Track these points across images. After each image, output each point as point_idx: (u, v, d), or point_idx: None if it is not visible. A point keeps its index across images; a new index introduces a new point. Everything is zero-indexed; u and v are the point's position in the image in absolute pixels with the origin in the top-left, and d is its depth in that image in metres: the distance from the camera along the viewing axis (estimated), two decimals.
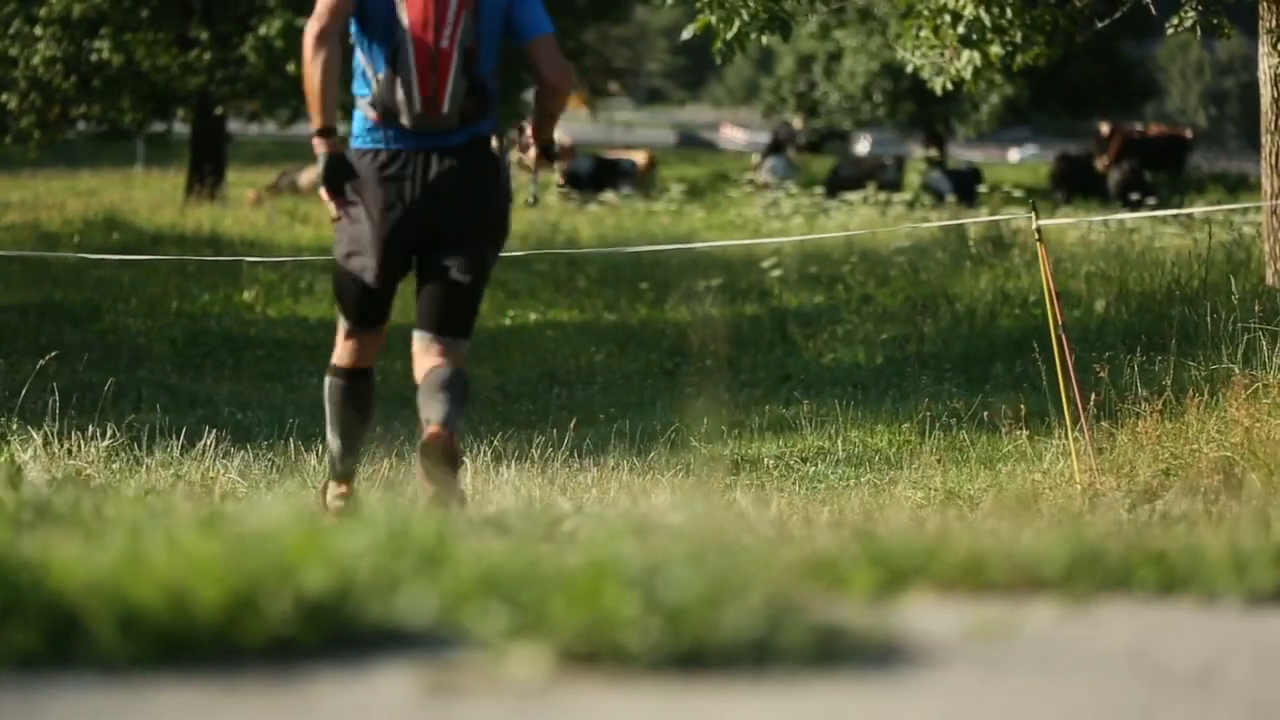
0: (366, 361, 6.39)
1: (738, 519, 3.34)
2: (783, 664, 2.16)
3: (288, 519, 2.87)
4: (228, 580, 2.46)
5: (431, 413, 5.95)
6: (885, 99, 35.86)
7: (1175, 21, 13.24)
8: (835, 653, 2.24)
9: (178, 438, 8.61)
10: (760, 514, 3.90)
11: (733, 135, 63.67)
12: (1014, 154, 51.84)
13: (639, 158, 33.27)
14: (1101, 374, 8.89)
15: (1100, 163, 33.97)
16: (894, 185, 29.00)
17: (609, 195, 27.40)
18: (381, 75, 5.85)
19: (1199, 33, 13.40)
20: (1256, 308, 9.01)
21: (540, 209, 26.14)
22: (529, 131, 6.22)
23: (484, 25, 5.84)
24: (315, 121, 5.92)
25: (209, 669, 2.31)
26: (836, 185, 29.50)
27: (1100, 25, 14.27)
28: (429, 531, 2.69)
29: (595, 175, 30.77)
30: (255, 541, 2.63)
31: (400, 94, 5.76)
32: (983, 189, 27.40)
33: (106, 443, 8.31)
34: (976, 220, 16.65)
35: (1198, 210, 17.98)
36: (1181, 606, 2.69)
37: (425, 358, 6.14)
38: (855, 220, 23.16)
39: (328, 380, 6.36)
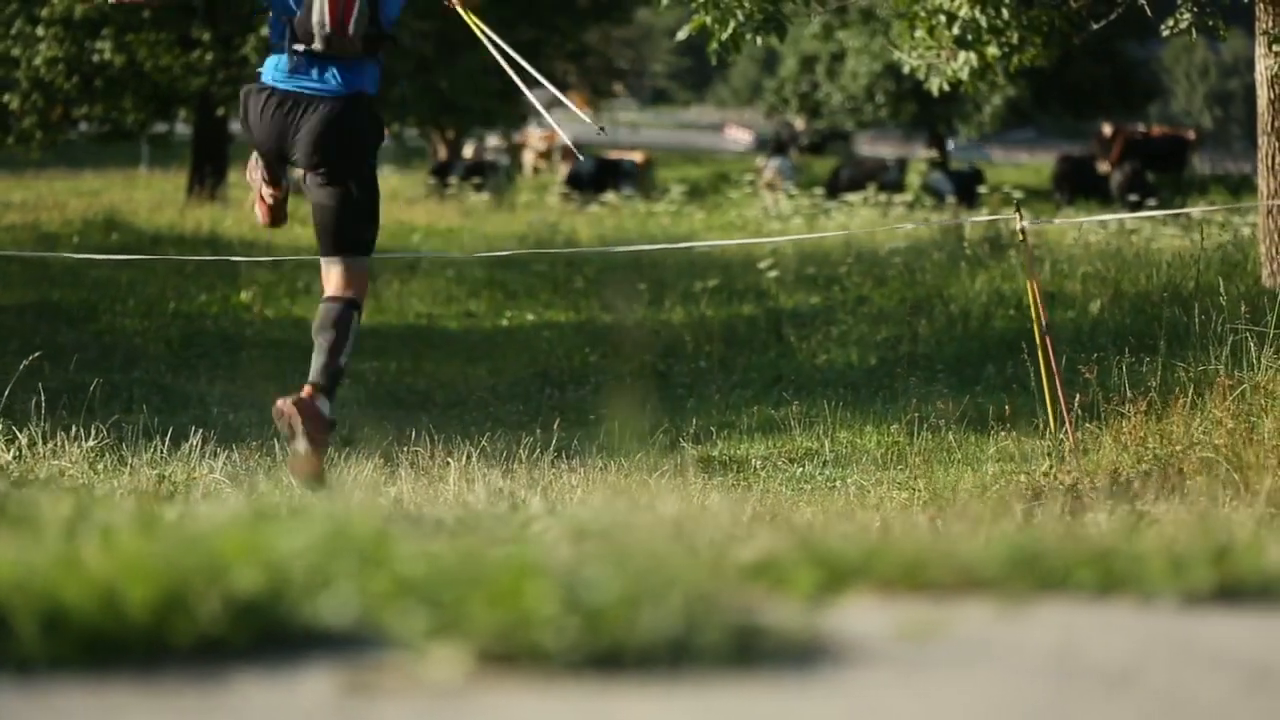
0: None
1: (683, 520, 3.34)
2: (700, 664, 2.16)
3: (226, 519, 2.87)
4: (159, 580, 2.46)
5: (311, 366, 6.90)
6: (888, 100, 35.84)
7: (1170, 23, 13.24)
8: (756, 652, 2.23)
9: (164, 438, 8.62)
10: (720, 515, 3.90)
11: (737, 136, 63.62)
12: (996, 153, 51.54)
13: (636, 157, 33.29)
14: (1088, 375, 8.89)
15: (1102, 164, 33.95)
16: (896, 186, 28.96)
17: (610, 196, 27.41)
18: (300, 8, 6.72)
19: (1194, 34, 13.40)
20: (1243, 309, 9.00)
21: (541, 211, 26.22)
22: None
23: None
24: None
25: (134, 669, 2.31)
26: (837, 186, 29.48)
27: (1096, 26, 14.27)
28: (366, 531, 2.69)
29: (597, 176, 30.77)
30: (190, 541, 2.63)
31: (315, 19, 6.65)
32: (983, 190, 27.37)
33: (91, 443, 8.32)
34: (959, 221, 16.63)
35: (1194, 210, 17.97)
36: (1118, 607, 2.69)
37: (325, 279, 7.12)
38: (855, 221, 23.17)
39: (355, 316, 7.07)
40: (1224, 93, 63.97)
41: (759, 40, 13.76)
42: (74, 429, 8.25)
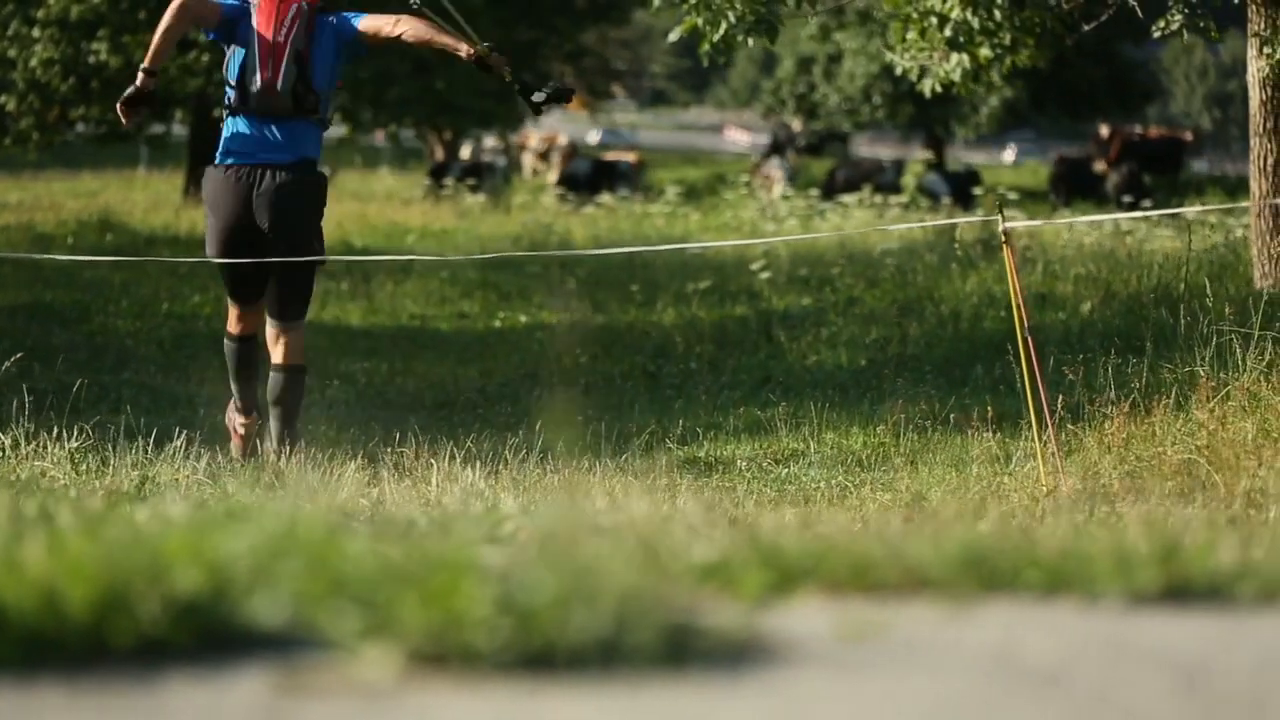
0: (243, 327, 8.53)
1: (639, 521, 3.33)
2: (632, 664, 2.16)
3: (173, 519, 2.87)
4: (100, 580, 2.46)
5: (270, 431, 8.15)
6: (884, 101, 35.83)
7: (1161, 24, 13.24)
8: (690, 653, 2.23)
9: (148, 439, 8.61)
10: (681, 517, 3.90)
11: (737, 137, 63.63)
12: (1010, 154, 51.59)
13: (630, 158, 33.32)
14: (1071, 376, 8.88)
15: (1100, 165, 33.94)
16: (892, 188, 28.95)
17: (605, 197, 27.41)
18: (237, 66, 7.71)
19: (1185, 35, 13.40)
20: (1228, 310, 9.00)
21: (535, 211, 26.22)
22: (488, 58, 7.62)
23: (316, 44, 7.64)
24: (147, 61, 7.95)
25: (71, 670, 2.31)
26: (834, 188, 29.47)
27: (1087, 28, 14.27)
28: (312, 532, 2.69)
29: (593, 177, 30.77)
30: (135, 542, 2.63)
31: (248, 77, 7.63)
32: (978, 191, 27.36)
33: (74, 444, 8.32)
34: (941, 223, 16.62)
35: (1183, 211, 17.97)
36: (1062, 607, 2.69)
37: (272, 344, 8.31)
38: (851, 223, 23.16)
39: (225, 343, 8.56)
40: (1223, 94, 63.95)
41: (750, 42, 13.77)
42: (57, 430, 8.24)
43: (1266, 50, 13.07)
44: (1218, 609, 2.68)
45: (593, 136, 39.22)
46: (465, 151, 35.60)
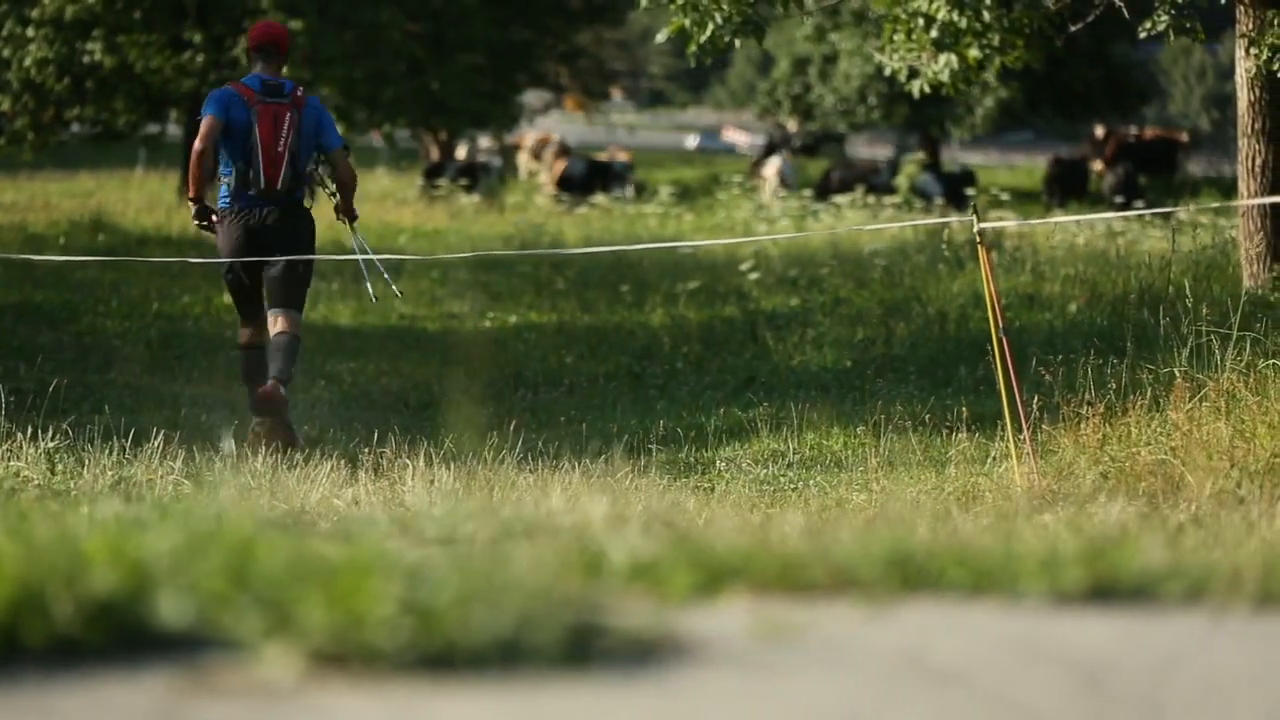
0: (253, 339, 10.13)
1: (579, 523, 3.33)
2: (534, 664, 2.15)
3: (99, 519, 2.86)
4: (18, 580, 2.45)
5: (271, 369, 9.76)
6: (880, 102, 35.81)
7: (1148, 25, 13.23)
8: (594, 653, 2.23)
9: (127, 439, 8.61)
10: (598, 515, 3.88)
11: (735, 138, 63.61)
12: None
13: (623, 157, 33.31)
14: (1046, 376, 8.87)
15: (1097, 166, 33.91)
16: (887, 188, 28.92)
17: (599, 198, 27.39)
18: (242, 165, 9.61)
19: (1171, 36, 13.39)
20: (1204, 311, 8.99)
21: (527, 212, 26.20)
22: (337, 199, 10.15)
23: (302, 140, 9.62)
24: (190, 193, 9.96)
25: None
26: (829, 188, 29.42)
27: (1074, 29, 14.26)
28: (235, 534, 2.68)
29: (588, 178, 30.76)
30: (57, 542, 2.63)
31: (253, 175, 9.57)
32: (972, 192, 27.33)
33: (52, 444, 8.32)
34: (915, 223, 16.63)
35: (1169, 211, 17.97)
36: (985, 607, 2.68)
37: (274, 324, 9.87)
38: (844, 224, 23.13)
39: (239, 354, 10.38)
40: (1221, 95, 63.89)
41: (738, 43, 13.77)
42: (33, 430, 8.23)
43: (1254, 50, 13.07)
44: (1141, 609, 2.67)
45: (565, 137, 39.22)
46: (461, 152, 35.59)
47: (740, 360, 13.42)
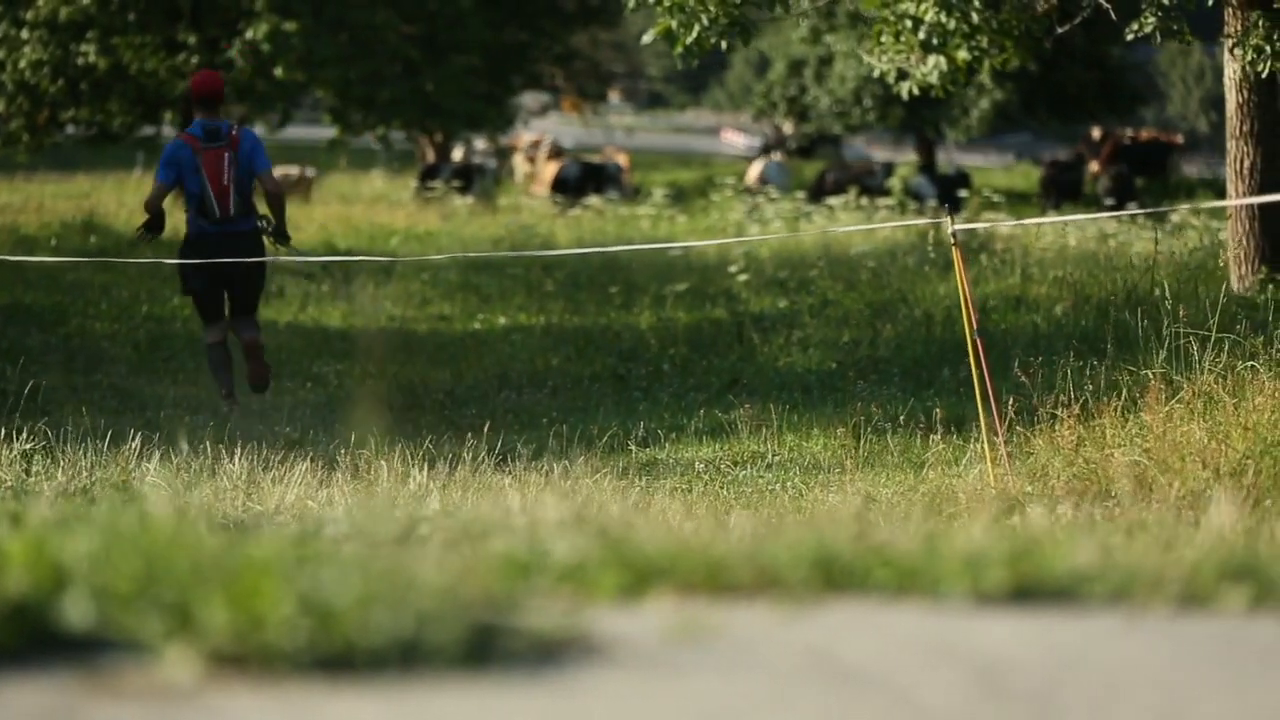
0: (221, 337, 11.74)
1: (512, 524, 3.32)
2: (433, 665, 2.15)
3: (25, 520, 2.86)
4: None
5: (243, 333, 11.66)
6: (875, 104, 35.77)
7: (1135, 27, 13.24)
8: (496, 654, 2.22)
9: (104, 440, 8.61)
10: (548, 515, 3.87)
11: (734, 139, 63.57)
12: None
13: (620, 159, 33.28)
14: (1025, 379, 8.86)
15: (1093, 167, 33.89)
16: (882, 190, 28.90)
17: (593, 199, 27.37)
18: (197, 199, 11.12)
19: (1159, 38, 13.39)
20: (1181, 312, 8.98)
21: (520, 214, 26.20)
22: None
23: (240, 171, 11.13)
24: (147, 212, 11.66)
25: None
26: (823, 190, 29.41)
27: (1061, 30, 14.25)
28: (155, 535, 2.68)
29: (582, 180, 30.73)
30: None
31: (208, 207, 11.11)
32: (965, 194, 27.30)
33: (27, 444, 8.32)
34: (892, 225, 16.63)
35: (1155, 211, 17.96)
36: (906, 608, 2.67)
37: (243, 328, 11.69)
38: (837, 226, 23.09)
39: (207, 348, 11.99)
40: (1219, 97, 63.83)
41: (724, 45, 13.77)
42: (6, 431, 8.23)
43: (1238, 52, 13.07)
44: (1060, 610, 2.67)
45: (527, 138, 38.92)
46: (457, 154, 35.57)
47: (725, 362, 13.41)
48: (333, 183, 34.07)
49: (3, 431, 8.22)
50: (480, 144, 36.74)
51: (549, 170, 31.78)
